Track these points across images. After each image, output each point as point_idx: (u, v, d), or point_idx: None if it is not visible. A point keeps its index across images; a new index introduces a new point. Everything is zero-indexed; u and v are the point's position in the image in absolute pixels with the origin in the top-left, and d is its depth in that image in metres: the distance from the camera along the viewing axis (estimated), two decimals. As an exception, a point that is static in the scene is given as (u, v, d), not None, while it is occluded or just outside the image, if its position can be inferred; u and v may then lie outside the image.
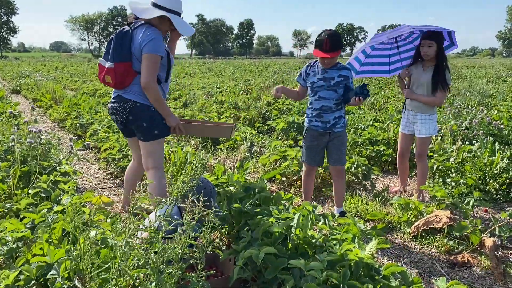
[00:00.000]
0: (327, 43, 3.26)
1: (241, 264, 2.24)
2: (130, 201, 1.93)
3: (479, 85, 12.21)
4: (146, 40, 2.96)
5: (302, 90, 3.69)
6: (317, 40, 3.35)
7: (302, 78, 3.62)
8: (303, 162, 3.72)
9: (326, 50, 3.27)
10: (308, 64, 3.62)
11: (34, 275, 2.04)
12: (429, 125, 3.95)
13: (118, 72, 2.99)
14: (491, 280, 2.78)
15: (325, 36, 3.28)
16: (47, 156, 4.10)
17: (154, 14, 3.04)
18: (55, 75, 18.67)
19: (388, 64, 4.47)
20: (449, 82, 3.88)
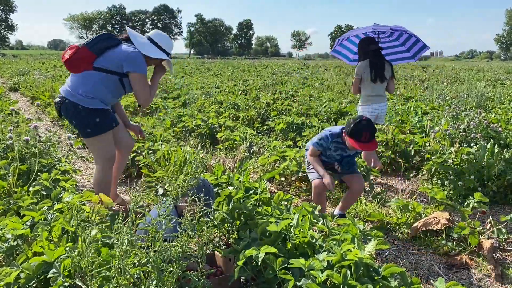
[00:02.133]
0: (367, 136, 3.21)
1: (241, 263, 2.25)
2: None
3: (477, 88, 12.26)
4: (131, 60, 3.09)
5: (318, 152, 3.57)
6: (353, 130, 3.22)
7: (323, 148, 3.50)
8: (314, 180, 3.50)
9: (366, 142, 3.23)
10: (331, 135, 3.46)
11: (34, 274, 2.04)
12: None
13: (81, 54, 3.05)
14: (489, 281, 2.80)
15: (363, 128, 3.20)
16: (46, 154, 4.10)
17: (157, 55, 3.20)
18: (53, 73, 18.62)
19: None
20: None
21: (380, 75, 4.69)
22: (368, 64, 4.69)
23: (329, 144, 3.45)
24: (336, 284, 1.99)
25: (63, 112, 3.13)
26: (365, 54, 4.75)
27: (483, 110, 8.58)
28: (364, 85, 4.75)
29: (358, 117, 3.30)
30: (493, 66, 37.58)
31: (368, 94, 4.76)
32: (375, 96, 4.76)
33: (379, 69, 4.69)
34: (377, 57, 4.71)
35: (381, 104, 4.81)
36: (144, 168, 4.43)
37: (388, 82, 4.83)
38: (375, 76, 4.67)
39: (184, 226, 1.95)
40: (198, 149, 5.71)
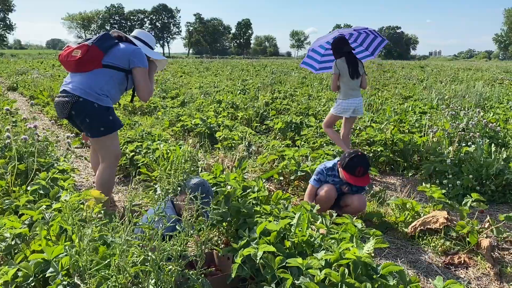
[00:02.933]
0: (361, 170, 3.32)
1: (239, 262, 2.25)
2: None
3: (475, 88, 12.28)
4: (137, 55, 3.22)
5: (315, 190, 3.62)
6: (348, 164, 3.34)
7: (320, 182, 3.58)
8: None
9: (359, 176, 3.34)
10: (326, 169, 3.58)
11: (32, 272, 2.04)
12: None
13: (92, 53, 3.07)
14: (487, 280, 2.80)
15: (357, 163, 3.31)
16: (44, 153, 4.09)
17: (158, 57, 3.41)
18: (52, 73, 18.60)
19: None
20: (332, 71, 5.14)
21: (356, 72, 5.03)
22: (345, 61, 5.01)
23: (326, 178, 3.57)
24: (334, 282, 1.99)
25: (76, 111, 3.06)
26: (340, 54, 5.07)
27: (482, 109, 8.59)
28: (343, 82, 5.06)
29: (353, 151, 3.43)
30: (491, 66, 37.64)
31: (347, 89, 5.06)
32: (353, 91, 5.09)
33: (354, 67, 5.03)
34: (351, 56, 5.07)
35: (358, 98, 5.15)
36: (143, 167, 4.42)
37: (362, 78, 5.19)
38: (352, 73, 4.99)
39: (182, 224, 1.95)
40: (196, 148, 5.71)
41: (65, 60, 3.10)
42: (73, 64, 3.08)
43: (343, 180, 3.50)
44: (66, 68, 3.17)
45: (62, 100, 3.08)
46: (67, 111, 3.07)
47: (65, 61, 3.11)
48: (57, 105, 3.13)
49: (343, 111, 5.09)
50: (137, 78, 3.22)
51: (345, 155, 3.42)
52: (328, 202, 3.50)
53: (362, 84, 5.21)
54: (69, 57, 3.08)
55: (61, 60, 3.16)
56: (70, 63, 3.09)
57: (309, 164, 4.38)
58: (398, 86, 14.60)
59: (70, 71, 3.18)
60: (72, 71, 3.15)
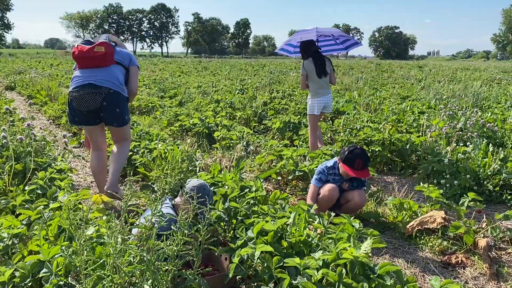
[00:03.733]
0: (360, 163, 3.39)
1: (237, 262, 2.25)
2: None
3: (473, 88, 12.29)
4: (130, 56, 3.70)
5: (317, 190, 3.63)
6: (348, 157, 3.42)
7: (322, 182, 3.60)
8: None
9: (359, 169, 3.40)
10: (327, 168, 3.62)
11: (29, 272, 2.03)
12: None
13: (110, 50, 3.44)
14: (484, 280, 2.81)
15: (356, 156, 3.39)
16: (42, 153, 4.08)
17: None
18: (50, 72, 18.57)
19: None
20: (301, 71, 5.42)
21: (323, 71, 5.31)
22: (312, 61, 5.30)
23: (327, 177, 3.60)
24: (331, 282, 1.99)
25: (108, 102, 3.38)
26: (307, 54, 5.38)
27: (480, 109, 8.61)
28: (311, 81, 5.34)
29: (352, 145, 3.53)
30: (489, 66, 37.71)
31: (316, 88, 5.35)
32: (322, 89, 5.36)
33: (321, 66, 5.32)
34: (317, 56, 5.36)
35: (328, 96, 5.43)
36: (141, 167, 4.42)
37: (330, 76, 5.46)
38: (319, 72, 5.28)
39: (179, 224, 1.95)
40: (194, 148, 5.71)
41: (88, 56, 3.35)
42: (98, 59, 3.37)
43: (344, 176, 3.54)
44: (85, 64, 3.40)
45: (91, 92, 3.34)
46: (99, 102, 3.35)
47: (87, 56, 3.36)
48: (84, 97, 3.34)
49: (316, 109, 5.39)
50: (134, 75, 3.68)
51: (344, 150, 3.51)
52: (330, 202, 3.51)
53: (331, 81, 5.47)
54: (91, 53, 3.35)
55: (81, 56, 3.37)
56: (95, 58, 3.36)
57: (307, 164, 4.38)
58: (396, 86, 14.61)
59: (89, 67, 3.40)
60: (93, 66, 3.40)
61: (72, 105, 3.43)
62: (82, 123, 3.56)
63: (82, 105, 3.36)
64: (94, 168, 3.68)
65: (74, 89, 3.37)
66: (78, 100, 3.35)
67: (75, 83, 3.39)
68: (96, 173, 3.69)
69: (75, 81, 3.40)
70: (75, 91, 3.36)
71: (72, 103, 3.42)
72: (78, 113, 3.44)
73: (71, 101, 3.43)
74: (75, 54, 3.40)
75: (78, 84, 3.36)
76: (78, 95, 3.35)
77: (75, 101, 3.37)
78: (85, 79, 3.36)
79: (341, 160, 3.49)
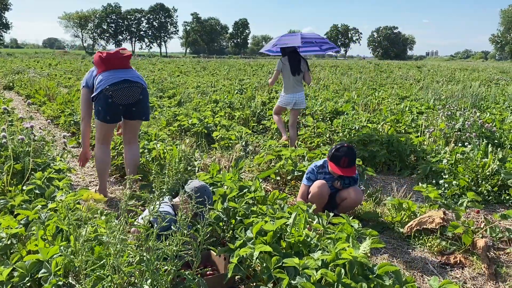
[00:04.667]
0: (345, 161, 3.41)
1: (236, 262, 2.25)
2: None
3: (472, 88, 12.31)
4: None
5: (307, 188, 3.65)
6: (334, 155, 3.46)
7: (311, 181, 3.61)
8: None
9: (344, 167, 3.43)
10: (316, 167, 3.65)
11: (28, 272, 2.03)
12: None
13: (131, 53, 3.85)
14: (483, 280, 2.81)
15: (343, 153, 3.42)
16: (40, 153, 4.08)
17: None
18: (48, 72, 18.54)
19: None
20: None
21: (297, 69, 5.72)
22: (287, 60, 5.73)
23: (316, 176, 3.62)
24: (330, 282, 2.00)
25: (143, 96, 3.72)
26: (285, 52, 5.85)
27: (478, 109, 8.62)
28: (285, 77, 5.78)
29: (340, 143, 3.57)
30: (488, 66, 37.77)
31: (289, 85, 5.79)
32: (294, 87, 5.78)
33: (296, 65, 5.72)
34: (293, 55, 5.78)
35: (300, 93, 5.83)
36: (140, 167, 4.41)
37: (304, 75, 5.86)
38: (293, 70, 5.69)
39: (178, 224, 1.95)
40: (193, 148, 5.70)
41: (117, 57, 3.65)
42: (126, 59, 3.71)
43: (333, 174, 3.56)
44: (115, 64, 3.65)
45: (131, 86, 3.62)
46: (138, 94, 3.67)
47: (120, 57, 3.67)
48: (125, 90, 3.59)
49: (285, 104, 5.86)
50: None
51: (332, 148, 3.55)
52: (321, 199, 3.50)
53: (305, 79, 5.90)
54: (119, 54, 3.67)
55: (113, 56, 3.65)
56: (123, 59, 3.68)
57: (306, 164, 4.38)
58: (395, 86, 14.63)
59: (119, 67, 3.66)
60: (121, 66, 3.68)
61: (109, 101, 3.58)
62: (112, 121, 3.74)
63: (123, 98, 3.60)
64: (104, 160, 3.86)
65: (112, 85, 3.55)
66: (119, 94, 3.58)
67: (110, 80, 3.57)
68: (105, 166, 3.88)
69: (109, 79, 3.58)
70: (113, 87, 3.55)
71: (109, 98, 3.57)
72: (113, 109, 3.63)
73: (108, 97, 3.57)
74: (103, 57, 3.64)
75: (115, 81, 3.57)
76: (118, 89, 3.57)
77: (115, 95, 3.56)
78: (120, 76, 3.60)
79: (328, 158, 3.54)
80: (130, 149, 3.92)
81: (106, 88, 3.55)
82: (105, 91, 3.55)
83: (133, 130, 3.92)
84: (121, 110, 3.69)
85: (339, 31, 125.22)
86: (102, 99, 3.59)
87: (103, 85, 3.57)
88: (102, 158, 3.86)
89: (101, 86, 3.57)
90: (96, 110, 3.69)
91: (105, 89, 3.55)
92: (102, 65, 3.66)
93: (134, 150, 3.94)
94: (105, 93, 3.56)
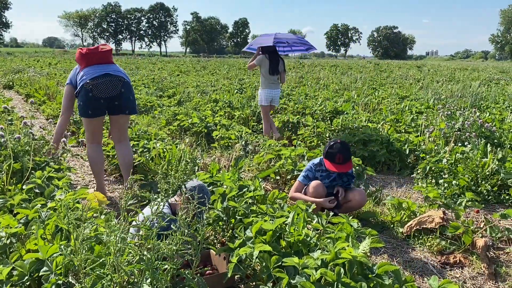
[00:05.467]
0: (340, 157, 3.42)
1: (235, 261, 2.25)
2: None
3: (472, 88, 12.31)
4: None
5: (301, 186, 3.66)
6: (328, 152, 3.48)
7: (308, 179, 3.62)
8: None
9: (340, 163, 3.44)
10: (314, 165, 3.66)
11: (27, 271, 2.03)
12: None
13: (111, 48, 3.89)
14: (483, 280, 2.81)
15: (337, 150, 3.44)
16: (40, 152, 4.07)
17: None
18: (48, 71, 18.53)
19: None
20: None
21: (275, 70, 6.18)
22: (267, 59, 6.14)
23: (314, 173, 3.62)
24: (330, 282, 2.00)
25: (125, 89, 3.69)
26: (265, 51, 6.21)
27: (478, 109, 8.62)
28: (263, 75, 6.18)
29: (333, 140, 3.60)
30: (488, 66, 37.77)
31: (267, 82, 6.23)
32: (271, 84, 6.23)
33: (275, 65, 6.17)
34: (273, 56, 6.20)
35: (276, 90, 6.30)
36: (139, 167, 4.41)
37: (281, 74, 6.34)
38: (272, 70, 6.13)
39: (178, 223, 1.95)
40: (193, 148, 5.70)
41: (97, 52, 3.66)
42: (106, 54, 3.70)
43: (330, 171, 3.58)
44: (95, 59, 3.64)
45: (111, 79, 3.60)
46: (119, 88, 3.65)
47: (96, 52, 3.66)
48: (105, 83, 3.58)
49: (268, 100, 6.21)
50: None
51: (325, 146, 3.58)
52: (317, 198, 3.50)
53: (281, 79, 6.37)
54: (98, 49, 3.68)
55: (91, 52, 3.65)
56: (104, 53, 3.68)
57: (305, 164, 4.38)
58: (395, 86, 14.63)
59: (100, 62, 3.66)
60: (103, 62, 3.68)
61: (89, 96, 3.57)
62: (94, 115, 3.70)
63: (103, 91, 3.58)
64: (97, 160, 3.85)
65: (92, 79, 3.55)
66: (100, 87, 3.56)
67: (91, 74, 3.57)
68: (99, 166, 3.86)
69: (90, 74, 3.58)
70: (93, 80, 3.55)
71: (90, 92, 3.56)
72: (93, 103, 3.61)
73: (88, 91, 3.56)
74: (83, 52, 3.65)
75: (96, 75, 3.56)
76: (99, 83, 3.56)
77: (95, 89, 3.55)
78: (101, 71, 3.60)
79: (324, 155, 3.56)
80: (120, 148, 3.92)
81: (87, 82, 3.55)
82: (85, 85, 3.55)
83: (119, 127, 3.90)
84: (103, 104, 3.65)
85: (339, 31, 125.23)
86: (83, 93, 3.59)
87: (84, 80, 3.58)
88: (95, 157, 3.84)
89: (83, 81, 3.58)
90: (78, 106, 3.68)
91: (86, 84, 3.55)
92: (83, 61, 3.67)
93: (124, 149, 3.92)
94: (86, 87, 3.56)
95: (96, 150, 3.86)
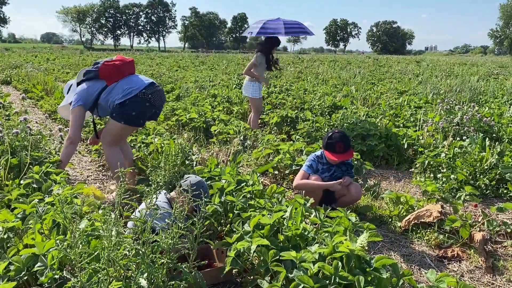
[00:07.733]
0: (341, 146, 3.45)
1: (233, 255, 2.25)
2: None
3: (470, 82, 12.30)
4: None
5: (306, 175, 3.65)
6: (328, 143, 3.49)
7: (313, 170, 3.63)
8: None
9: (341, 152, 3.46)
10: (316, 157, 3.67)
11: (24, 266, 2.02)
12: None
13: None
14: (480, 273, 2.82)
15: (336, 139, 3.45)
16: (37, 147, 4.06)
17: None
18: (46, 67, 18.47)
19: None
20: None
21: (269, 68, 6.52)
22: (264, 58, 6.33)
23: (317, 165, 3.63)
24: (327, 275, 2.00)
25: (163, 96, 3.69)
26: (266, 49, 6.36)
27: (477, 104, 8.61)
28: (257, 71, 6.33)
29: (331, 131, 3.61)
30: (487, 61, 37.73)
31: (261, 75, 6.44)
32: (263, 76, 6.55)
33: (270, 64, 6.47)
34: (271, 57, 6.47)
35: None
36: (137, 161, 4.40)
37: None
38: (268, 69, 6.50)
39: (173, 217, 1.94)
40: (191, 142, 5.69)
41: (131, 61, 3.67)
42: (133, 65, 3.71)
43: (331, 162, 3.59)
44: (131, 69, 3.66)
45: (160, 89, 3.66)
46: (165, 97, 3.73)
47: (130, 62, 3.66)
48: (159, 92, 3.62)
49: (256, 93, 6.37)
50: None
51: (324, 138, 3.59)
52: (316, 193, 3.51)
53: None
54: (128, 60, 3.66)
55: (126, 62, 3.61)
56: (132, 64, 3.68)
57: (304, 158, 4.38)
58: (394, 80, 14.61)
59: (132, 73, 3.66)
60: (134, 71, 3.69)
61: (146, 105, 3.50)
62: (143, 124, 3.71)
63: (158, 99, 3.59)
64: (121, 160, 3.72)
65: (146, 89, 3.50)
66: (155, 96, 3.55)
67: (140, 84, 3.51)
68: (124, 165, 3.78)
69: (137, 84, 3.52)
70: (149, 90, 3.51)
71: (147, 102, 3.50)
72: (148, 112, 3.57)
73: (146, 100, 3.49)
74: (119, 64, 3.56)
75: (146, 84, 3.53)
76: (154, 91, 3.55)
77: (153, 97, 3.52)
78: (144, 80, 3.59)
79: (323, 147, 3.57)
80: (124, 146, 3.93)
81: (143, 92, 3.46)
82: (141, 94, 3.45)
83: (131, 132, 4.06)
84: (152, 112, 3.62)
85: (338, 26, 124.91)
86: (139, 102, 3.47)
87: (136, 89, 3.47)
88: (121, 158, 3.70)
89: (134, 91, 3.47)
90: (128, 116, 3.47)
91: (141, 93, 3.45)
92: (118, 73, 3.54)
93: (128, 147, 4.03)
94: (142, 97, 3.46)
95: (118, 151, 3.72)
